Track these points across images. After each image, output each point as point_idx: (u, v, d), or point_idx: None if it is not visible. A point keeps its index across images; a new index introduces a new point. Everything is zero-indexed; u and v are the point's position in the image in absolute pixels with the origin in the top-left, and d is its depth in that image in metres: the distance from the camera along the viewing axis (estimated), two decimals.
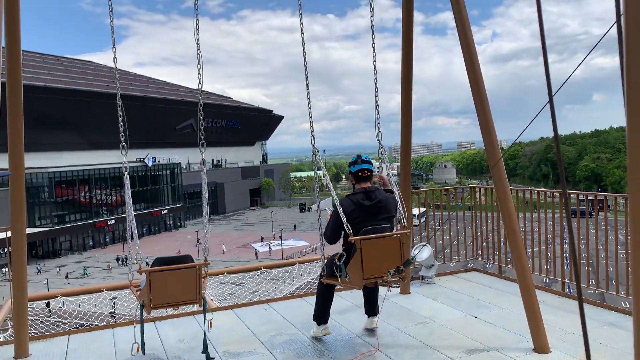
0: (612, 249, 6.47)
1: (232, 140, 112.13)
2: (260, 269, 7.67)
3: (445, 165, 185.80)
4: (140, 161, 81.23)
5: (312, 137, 4.95)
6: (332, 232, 4.75)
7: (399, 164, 6.46)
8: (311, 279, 8.77)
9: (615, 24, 2.01)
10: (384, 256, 4.47)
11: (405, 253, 4.56)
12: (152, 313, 5.08)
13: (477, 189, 8.21)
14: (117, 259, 64.48)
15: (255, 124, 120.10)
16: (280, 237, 70.75)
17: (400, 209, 4.80)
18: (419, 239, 7.66)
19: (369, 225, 4.55)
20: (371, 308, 5.33)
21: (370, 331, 5.26)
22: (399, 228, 4.95)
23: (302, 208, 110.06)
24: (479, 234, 7.80)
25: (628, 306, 5.55)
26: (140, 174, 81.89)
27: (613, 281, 6.34)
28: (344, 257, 4.60)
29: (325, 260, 4.97)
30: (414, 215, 6.85)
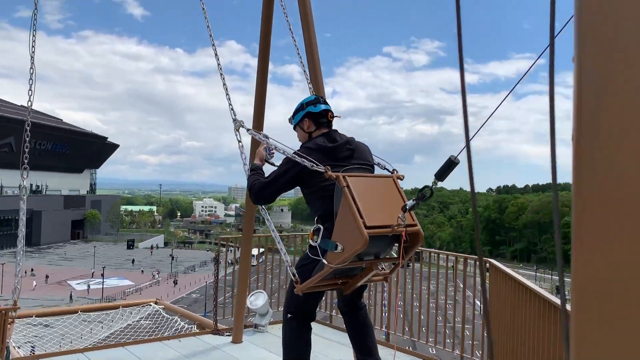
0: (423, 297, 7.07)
1: (57, 165, 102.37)
2: (77, 312, 6.96)
3: (282, 210, 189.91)
4: None
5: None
6: (273, 183, 3.39)
7: (238, 204, 6.42)
8: (132, 322, 8.18)
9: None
10: (381, 200, 3.13)
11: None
12: None
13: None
14: None
15: (86, 150, 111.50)
16: (102, 274, 65.32)
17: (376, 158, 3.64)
18: (255, 284, 7.60)
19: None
20: (366, 356, 3.75)
21: None
22: None
23: (130, 244, 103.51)
24: None
25: (434, 352, 6.10)
26: None
27: (423, 328, 6.91)
28: (321, 230, 3.15)
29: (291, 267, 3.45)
30: (253, 255, 6.85)
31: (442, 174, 2.78)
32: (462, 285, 6.34)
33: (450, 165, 2.74)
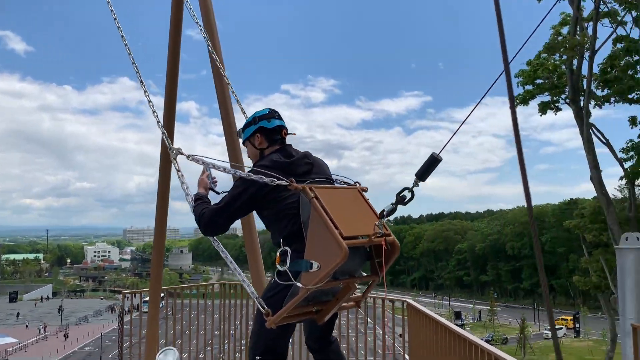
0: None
1: None
2: None
3: (181, 251, 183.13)
4: None
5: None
6: (227, 208, 2.99)
7: (134, 247, 6.10)
8: None
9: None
10: (352, 211, 2.88)
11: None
12: None
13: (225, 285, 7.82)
14: None
15: None
16: None
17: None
18: (164, 342, 6.97)
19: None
20: None
21: None
22: None
23: (13, 297, 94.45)
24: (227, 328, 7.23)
25: None
26: None
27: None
28: (288, 252, 2.81)
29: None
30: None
31: (423, 173, 2.45)
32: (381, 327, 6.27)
33: (432, 163, 2.40)
